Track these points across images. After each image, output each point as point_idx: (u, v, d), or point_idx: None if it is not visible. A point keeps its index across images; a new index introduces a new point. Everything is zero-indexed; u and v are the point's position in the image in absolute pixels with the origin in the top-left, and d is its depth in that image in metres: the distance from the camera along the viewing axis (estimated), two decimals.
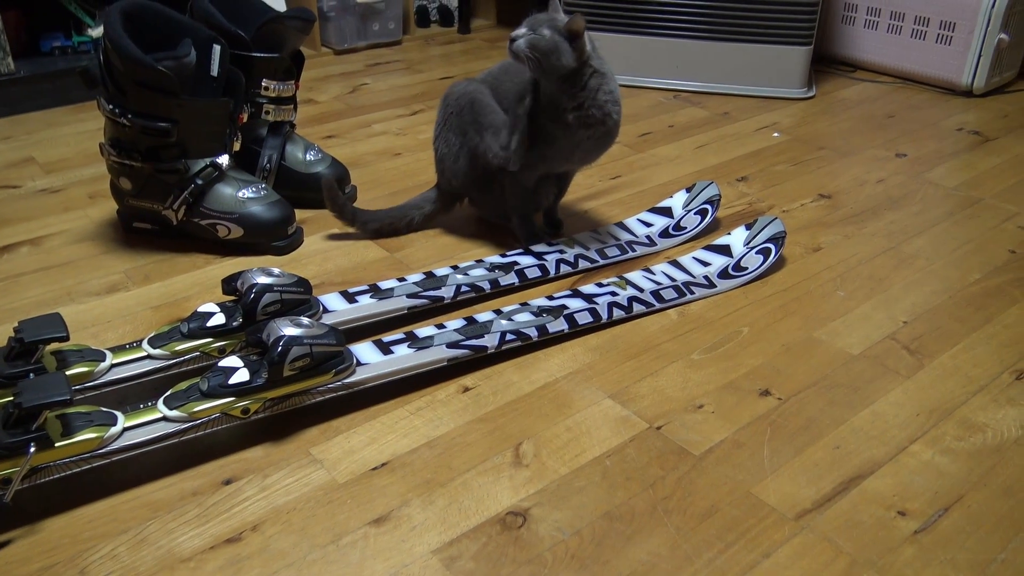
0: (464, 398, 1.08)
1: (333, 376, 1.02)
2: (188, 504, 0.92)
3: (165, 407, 0.95)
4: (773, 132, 1.97)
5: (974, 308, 1.29)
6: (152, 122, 1.28)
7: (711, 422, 1.05)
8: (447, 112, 1.41)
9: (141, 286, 1.32)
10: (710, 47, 2.18)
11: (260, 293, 1.09)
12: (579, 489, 0.94)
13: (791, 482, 0.95)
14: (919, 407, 1.08)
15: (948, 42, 2.20)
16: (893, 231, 1.52)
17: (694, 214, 1.50)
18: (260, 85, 1.47)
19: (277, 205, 1.41)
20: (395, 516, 0.90)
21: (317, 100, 2.13)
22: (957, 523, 0.91)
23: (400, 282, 1.26)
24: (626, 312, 1.24)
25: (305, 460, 0.98)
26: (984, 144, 1.93)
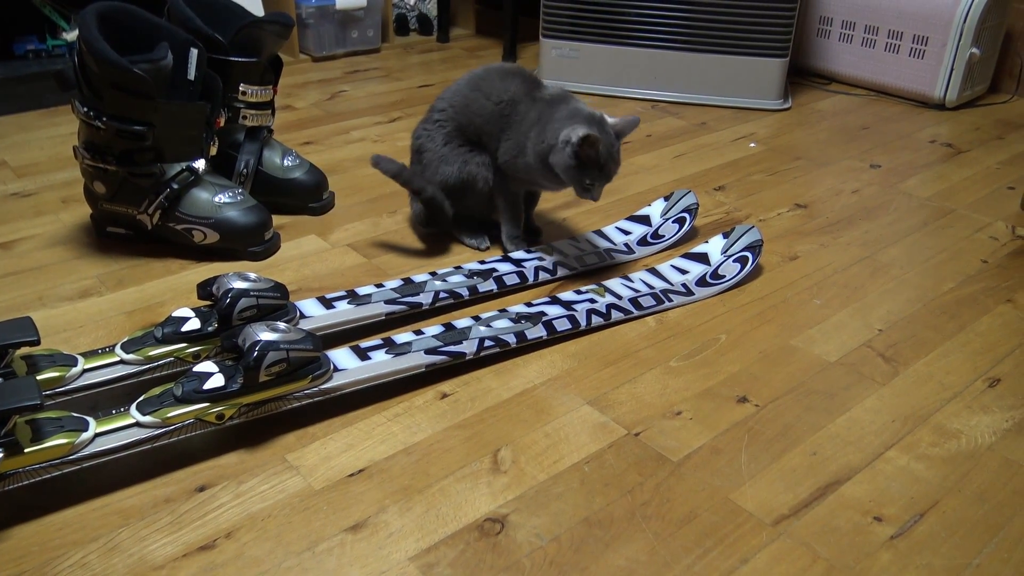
0: (442, 404, 1.08)
1: (310, 382, 1.01)
2: (161, 511, 0.90)
3: (138, 413, 0.93)
4: (750, 142, 1.99)
5: (948, 316, 1.31)
6: (127, 125, 1.27)
7: (689, 428, 1.05)
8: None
9: (114, 291, 1.30)
10: (688, 58, 2.20)
11: (236, 298, 1.07)
12: (557, 495, 0.94)
13: (768, 488, 0.96)
14: (894, 414, 1.09)
15: (921, 56, 2.23)
16: (868, 240, 1.54)
17: (672, 222, 1.50)
18: (238, 89, 1.46)
19: (254, 210, 1.40)
20: (372, 523, 0.90)
21: (295, 107, 2.12)
22: (932, 528, 0.91)
23: (378, 288, 1.25)
24: (604, 319, 1.25)
25: (281, 466, 0.97)
26: (956, 156, 1.95)
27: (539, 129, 1.30)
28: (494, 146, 1.36)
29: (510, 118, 1.34)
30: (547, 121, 1.29)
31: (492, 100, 1.35)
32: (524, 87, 1.35)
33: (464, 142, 1.38)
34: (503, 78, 1.37)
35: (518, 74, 1.38)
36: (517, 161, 1.33)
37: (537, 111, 1.32)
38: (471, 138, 1.37)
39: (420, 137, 1.42)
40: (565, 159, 1.25)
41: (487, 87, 1.36)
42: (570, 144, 1.24)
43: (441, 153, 1.38)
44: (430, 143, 1.39)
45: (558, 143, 1.25)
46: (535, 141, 1.30)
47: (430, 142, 1.39)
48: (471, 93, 1.37)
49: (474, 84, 1.38)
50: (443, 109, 1.39)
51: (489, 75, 1.38)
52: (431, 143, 1.39)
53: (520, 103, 1.34)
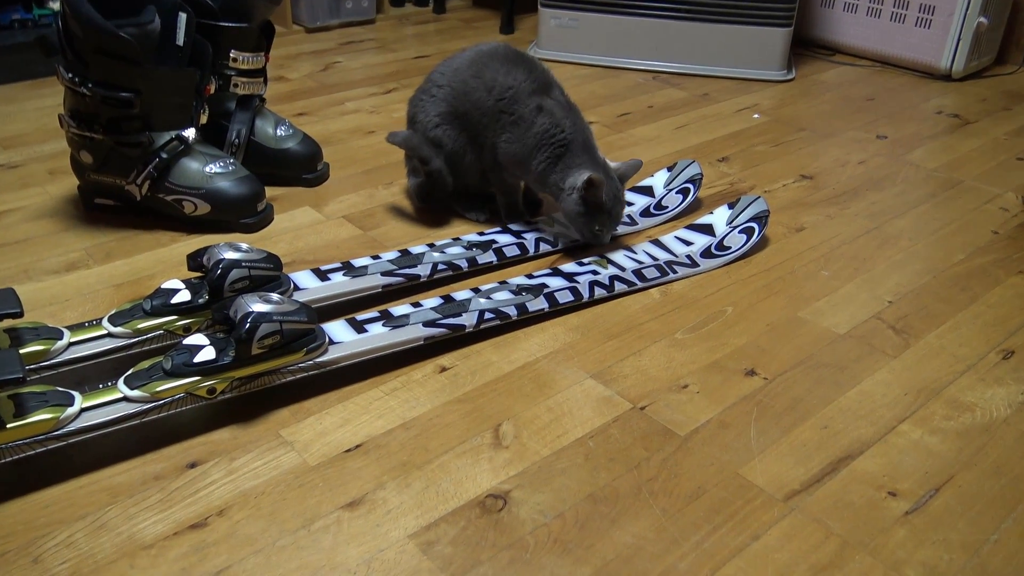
0: (441, 378, 1.04)
1: (304, 355, 0.98)
2: (150, 488, 0.87)
3: (126, 387, 0.90)
4: (753, 113, 1.94)
5: (959, 288, 1.27)
6: (113, 92, 1.22)
7: (696, 402, 1.02)
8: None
9: (102, 264, 1.26)
10: (689, 28, 2.15)
11: (227, 269, 1.04)
12: (561, 471, 0.91)
13: (779, 463, 0.93)
14: (906, 387, 1.06)
15: (928, 26, 2.18)
16: (875, 212, 1.50)
17: (676, 193, 1.47)
18: (228, 56, 1.42)
19: (246, 181, 1.35)
20: (369, 500, 0.86)
21: (288, 77, 2.07)
22: (948, 503, 0.88)
23: (374, 260, 1.22)
24: (607, 291, 1.21)
25: (275, 442, 0.94)
26: (964, 127, 1.91)
27: (546, 151, 1.27)
28: (489, 140, 1.31)
29: (510, 116, 1.29)
30: (564, 157, 1.27)
31: (493, 95, 1.29)
32: (529, 83, 1.29)
33: (456, 125, 1.33)
34: (508, 67, 1.30)
35: (524, 64, 1.31)
36: (520, 168, 1.31)
37: (543, 122, 1.27)
38: (464, 124, 1.32)
39: (415, 107, 1.37)
40: (572, 205, 1.25)
41: (489, 76, 1.30)
42: (576, 190, 1.24)
43: (434, 134, 1.33)
44: (423, 115, 1.35)
45: (564, 190, 1.26)
46: (543, 166, 1.27)
47: (423, 114, 1.35)
48: (472, 80, 1.31)
49: (477, 68, 1.31)
50: (441, 85, 1.33)
51: (493, 61, 1.31)
52: (423, 115, 1.34)
53: (520, 103, 1.28)
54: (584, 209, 1.24)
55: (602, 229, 1.27)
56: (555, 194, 1.28)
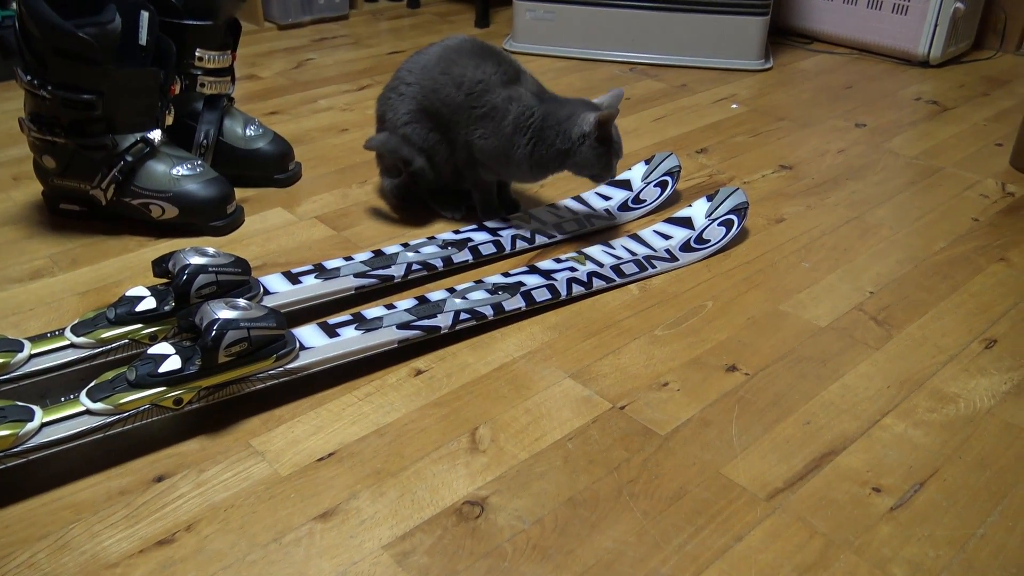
0: (416, 382, 1.02)
1: (274, 361, 0.95)
2: (115, 504, 0.84)
3: (88, 400, 0.87)
4: (731, 104, 1.93)
5: (940, 277, 1.26)
6: (74, 94, 1.19)
7: (677, 400, 1.00)
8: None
9: (67, 271, 1.23)
10: (666, 18, 2.13)
11: (193, 274, 1.01)
12: (540, 475, 0.89)
13: (761, 460, 0.91)
14: (889, 379, 1.04)
15: (904, 12, 2.17)
16: (856, 201, 1.49)
17: (654, 186, 1.45)
18: (194, 55, 1.38)
19: (214, 183, 1.32)
20: (343, 510, 0.84)
21: (260, 76, 2.04)
22: (933, 498, 0.87)
23: (347, 261, 1.19)
24: (586, 288, 1.19)
25: (245, 452, 0.91)
26: (942, 113, 1.90)
27: (530, 133, 1.24)
28: (462, 137, 1.29)
29: (481, 109, 1.26)
30: (544, 124, 1.24)
31: (463, 90, 1.26)
32: (499, 75, 1.26)
33: (427, 123, 1.30)
34: (477, 61, 1.27)
35: (492, 56, 1.28)
36: (498, 157, 1.27)
37: (519, 110, 1.24)
38: (435, 121, 1.30)
39: (383, 105, 1.34)
40: (589, 152, 1.24)
41: (458, 71, 1.27)
42: (587, 136, 1.23)
43: (403, 132, 1.30)
44: (391, 113, 1.31)
45: (574, 143, 1.24)
46: (526, 147, 1.25)
47: (392, 113, 1.31)
48: (440, 76, 1.28)
49: (445, 65, 1.28)
50: (410, 83, 1.30)
51: (461, 56, 1.28)
52: (392, 114, 1.31)
53: (491, 94, 1.26)
54: (601, 150, 1.23)
55: (615, 163, 1.27)
56: (557, 163, 1.26)
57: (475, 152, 1.28)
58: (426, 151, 1.30)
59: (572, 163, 1.26)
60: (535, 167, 1.27)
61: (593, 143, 1.23)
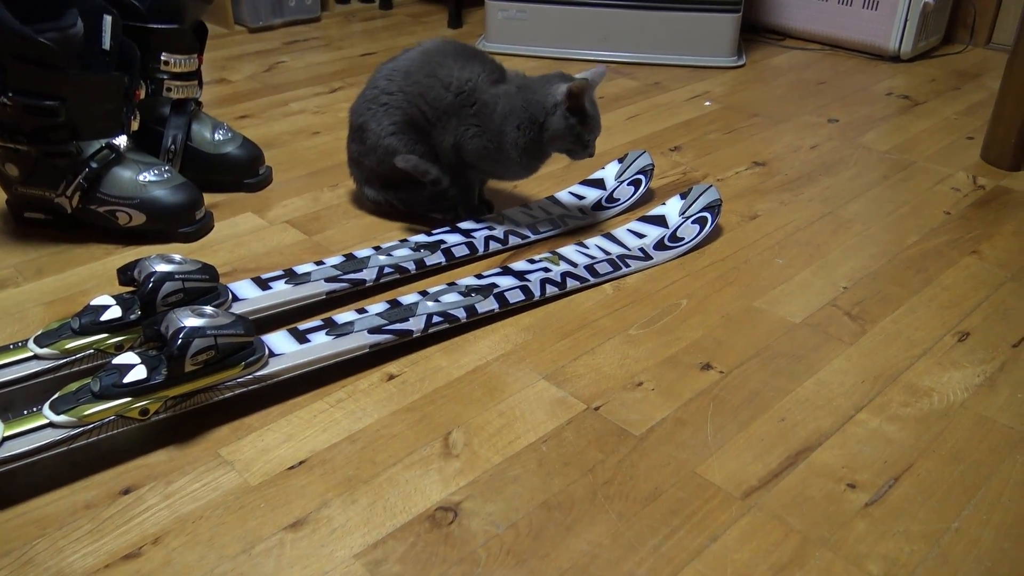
0: (388, 387, 1.01)
1: (243, 369, 0.93)
2: (81, 518, 0.82)
3: (51, 412, 0.85)
4: (705, 101, 1.93)
5: (913, 271, 1.26)
6: (36, 100, 1.17)
7: (651, 400, 0.99)
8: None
9: (32, 281, 1.20)
10: (639, 16, 2.13)
11: (159, 282, 0.99)
12: (514, 478, 0.88)
13: (737, 459, 0.91)
14: (863, 374, 1.04)
15: (875, 7, 2.18)
16: (829, 196, 1.49)
17: (627, 185, 1.44)
18: (159, 60, 1.36)
19: (182, 188, 1.30)
20: (314, 519, 0.83)
21: (230, 79, 2.02)
22: (908, 492, 0.87)
23: (318, 266, 1.18)
24: (559, 288, 1.18)
25: (214, 462, 0.89)
26: (913, 108, 1.91)
27: (516, 119, 1.23)
28: (449, 140, 1.27)
29: (472, 107, 1.25)
30: (526, 104, 1.23)
31: (452, 90, 1.25)
32: (486, 75, 1.26)
33: (412, 132, 1.28)
34: (462, 62, 1.26)
35: (476, 57, 1.28)
36: (491, 154, 1.26)
37: (505, 101, 1.24)
38: (421, 129, 1.28)
39: (363, 115, 1.31)
40: (559, 122, 1.22)
41: (445, 73, 1.26)
42: (558, 105, 1.22)
43: (387, 143, 1.28)
44: (375, 124, 1.29)
45: (548, 112, 1.23)
46: (515, 133, 1.24)
47: (375, 123, 1.29)
48: (426, 80, 1.26)
49: (429, 68, 1.27)
50: (392, 92, 1.28)
51: (445, 58, 1.27)
52: (376, 125, 1.29)
53: (480, 92, 1.25)
54: (573, 121, 1.22)
55: (590, 139, 1.25)
56: (541, 144, 1.25)
57: (465, 153, 1.27)
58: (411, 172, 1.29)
59: (548, 136, 1.24)
60: (525, 155, 1.25)
61: (565, 113, 1.22)
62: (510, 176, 1.34)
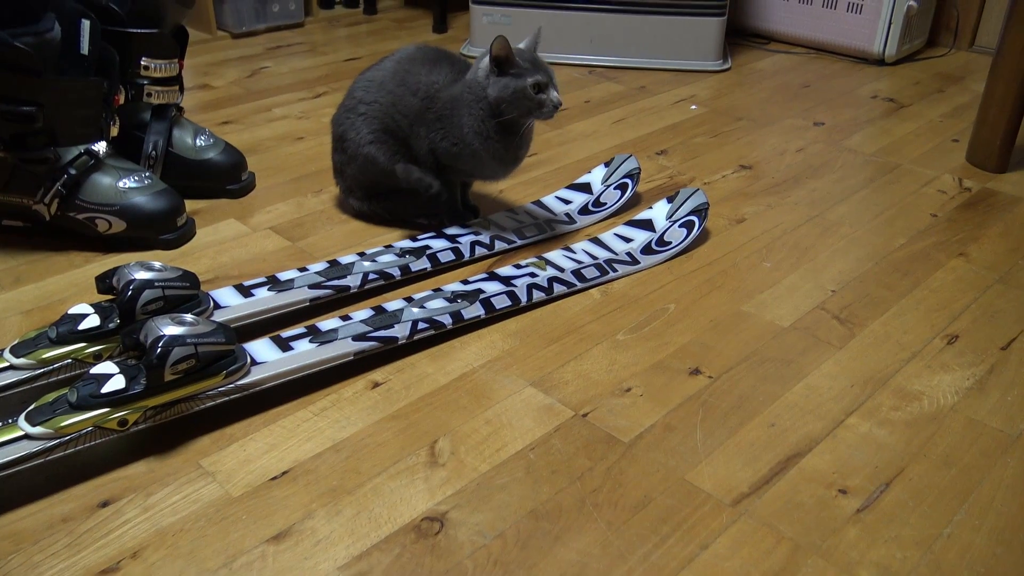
0: (373, 395, 0.99)
1: (224, 378, 0.92)
2: (57, 532, 0.80)
3: (27, 424, 0.83)
4: (691, 105, 1.92)
5: (901, 274, 1.26)
6: (13, 106, 1.14)
7: (640, 406, 0.98)
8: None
9: (10, 290, 1.18)
10: (624, 20, 2.12)
11: (139, 290, 0.97)
12: (501, 487, 0.86)
13: (726, 465, 0.89)
14: (853, 378, 1.03)
15: (859, 11, 2.19)
16: (815, 199, 1.48)
17: (614, 189, 1.43)
18: (139, 64, 1.34)
19: (163, 195, 1.28)
20: (297, 530, 0.81)
21: (213, 85, 2.00)
22: (899, 498, 0.86)
23: (301, 272, 1.16)
24: (546, 294, 1.17)
25: (195, 473, 0.88)
26: (899, 111, 1.92)
27: (466, 108, 1.21)
28: (425, 145, 1.26)
29: (437, 112, 1.23)
30: (467, 89, 1.22)
31: (419, 96, 1.24)
32: (451, 76, 1.25)
33: (390, 141, 1.27)
34: (431, 68, 1.26)
35: (445, 60, 1.27)
36: (460, 151, 1.23)
37: (455, 95, 1.23)
38: (398, 138, 1.27)
39: (342, 125, 1.30)
40: (499, 87, 1.18)
41: (412, 80, 1.25)
42: (489, 71, 1.19)
43: (367, 152, 1.27)
44: (353, 133, 1.28)
45: (485, 85, 1.20)
46: (470, 120, 1.21)
47: (353, 132, 1.28)
48: (397, 89, 1.25)
49: (401, 76, 1.26)
50: (369, 103, 1.27)
51: (415, 65, 1.26)
52: (354, 134, 1.28)
53: (440, 93, 1.24)
54: (509, 83, 1.17)
55: (541, 88, 1.18)
56: (501, 128, 1.21)
57: (440, 157, 1.26)
58: (392, 171, 1.28)
59: (500, 110, 1.19)
60: (489, 141, 1.21)
61: (498, 78, 1.18)
62: (489, 172, 1.29)
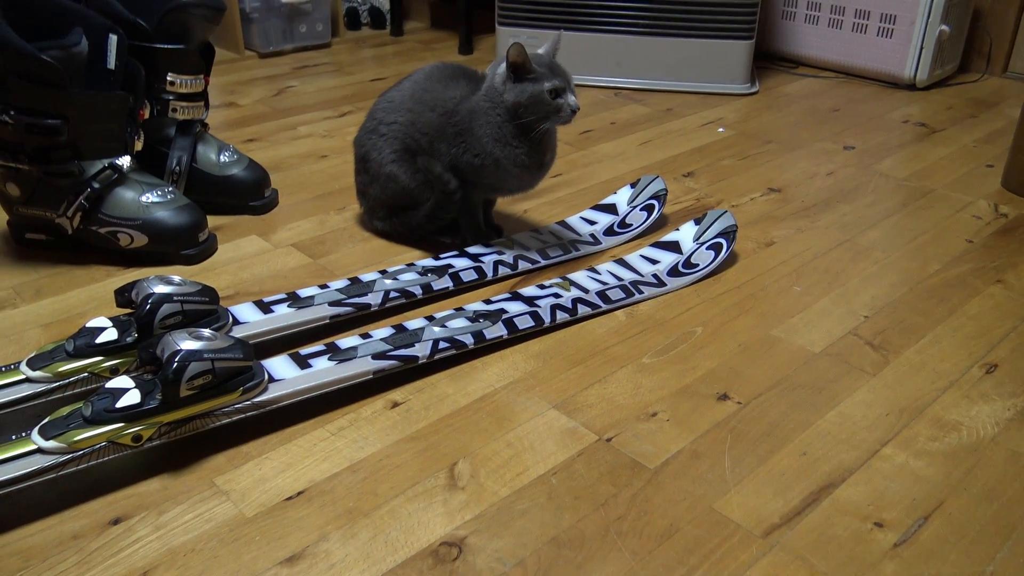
0: (392, 415, 0.97)
1: (241, 395, 0.90)
2: (67, 550, 0.78)
3: (40, 438, 0.82)
4: (718, 127, 1.90)
5: (936, 300, 1.22)
6: (38, 119, 1.14)
7: (666, 431, 0.95)
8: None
9: (31, 303, 1.18)
10: (651, 43, 2.11)
11: (157, 304, 0.96)
12: (522, 512, 0.84)
13: (756, 495, 0.86)
14: (888, 406, 1.00)
15: (889, 35, 2.16)
16: (847, 223, 1.45)
17: (640, 210, 1.41)
18: (165, 80, 1.34)
19: (186, 210, 1.28)
20: (311, 553, 0.79)
21: (239, 103, 2.00)
22: (939, 533, 0.82)
23: (322, 289, 1.14)
24: (570, 314, 1.14)
25: (208, 492, 0.85)
26: (931, 136, 1.88)
27: (484, 116, 1.20)
28: (446, 161, 1.24)
29: (457, 127, 1.22)
30: (486, 97, 1.21)
31: (437, 112, 1.24)
32: (469, 89, 1.24)
33: (414, 161, 1.26)
34: (447, 84, 1.25)
35: (463, 75, 1.27)
36: (482, 162, 1.21)
37: (473, 105, 1.21)
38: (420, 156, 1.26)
39: (364, 146, 1.30)
40: (516, 92, 1.18)
41: (431, 98, 1.24)
42: (506, 77, 1.18)
43: (389, 170, 1.27)
44: (376, 154, 1.28)
45: (502, 91, 1.19)
46: (489, 129, 1.20)
47: (375, 153, 1.28)
48: (416, 107, 1.25)
49: (418, 95, 1.26)
50: (391, 123, 1.27)
51: (432, 83, 1.26)
52: (377, 154, 1.27)
53: (459, 107, 1.23)
54: (526, 88, 1.16)
55: (558, 91, 1.17)
56: (520, 135, 1.20)
57: (463, 172, 1.24)
58: (413, 190, 1.27)
59: (518, 115, 1.18)
60: (509, 148, 1.20)
61: (515, 84, 1.17)
62: (514, 182, 1.26)
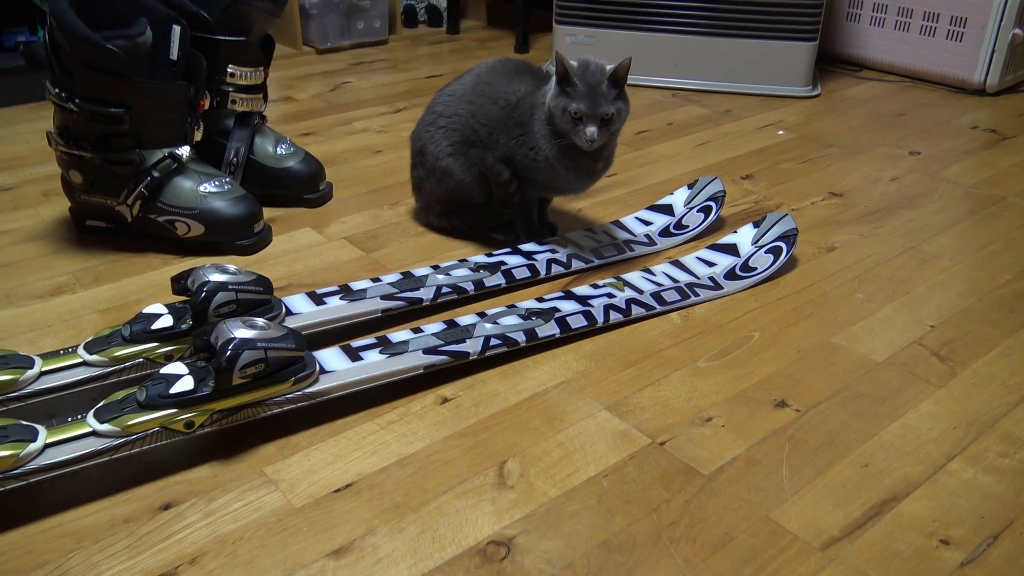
0: (442, 410, 0.96)
1: (292, 385, 0.90)
2: (118, 533, 0.79)
3: (95, 420, 0.82)
4: (778, 130, 1.86)
5: (1007, 311, 1.17)
6: (102, 107, 1.16)
7: (721, 437, 0.92)
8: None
9: (89, 288, 1.19)
10: (710, 43, 2.08)
11: (212, 292, 0.96)
12: (572, 514, 0.82)
13: (815, 506, 0.83)
14: (955, 419, 0.96)
15: (959, 39, 2.09)
16: (912, 230, 1.40)
17: (697, 211, 1.38)
18: (226, 72, 1.35)
19: (242, 200, 1.29)
20: (358, 546, 0.78)
21: (296, 98, 2.02)
22: (1009, 552, 0.78)
23: (374, 283, 1.14)
24: (624, 315, 1.12)
25: (258, 481, 0.85)
26: (1001, 142, 1.82)
27: (541, 112, 1.19)
28: (503, 153, 1.23)
29: (517, 120, 1.21)
30: (544, 92, 1.19)
31: (499, 104, 1.23)
32: (533, 85, 1.23)
33: (468, 154, 1.25)
34: (511, 78, 1.24)
35: (527, 71, 1.26)
36: (535, 157, 1.20)
37: (534, 100, 1.20)
38: (479, 149, 1.25)
39: (421, 139, 1.29)
40: (551, 94, 1.16)
41: (493, 91, 1.24)
42: (553, 80, 1.17)
43: (445, 164, 1.26)
44: (432, 147, 1.27)
45: (549, 92, 1.18)
46: (541, 126, 1.18)
47: (432, 145, 1.27)
48: (478, 99, 1.24)
49: (480, 88, 1.25)
50: (448, 115, 1.26)
51: (495, 76, 1.25)
52: (433, 147, 1.27)
53: (522, 101, 1.22)
54: (559, 100, 1.14)
55: (580, 114, 1.13)
56: (549, 126, 1.18)
57: (517, 167, 1.23)
58: (468, 184, 1.26)
59: (551, 123, 1.17)
60: (555, 147, 1.18)
61: (554, 90, 1.16)
62: (564, 183, 1.24)
